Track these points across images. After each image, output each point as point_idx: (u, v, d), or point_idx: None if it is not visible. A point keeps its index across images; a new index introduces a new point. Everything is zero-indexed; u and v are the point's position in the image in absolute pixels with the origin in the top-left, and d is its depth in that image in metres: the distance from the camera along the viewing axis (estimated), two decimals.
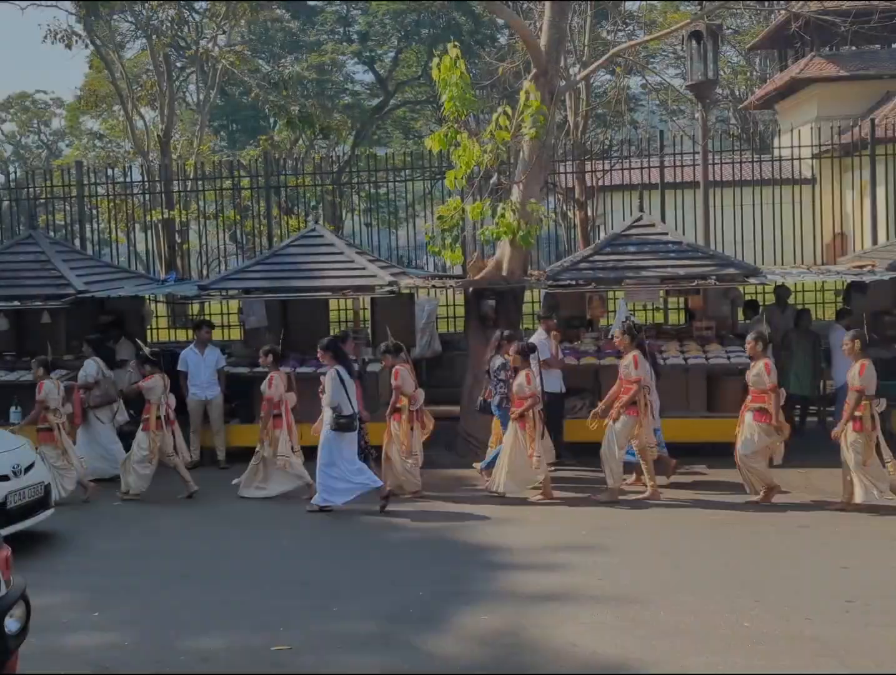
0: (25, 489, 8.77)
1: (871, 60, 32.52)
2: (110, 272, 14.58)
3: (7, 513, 8.46)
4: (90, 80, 30.07)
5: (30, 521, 8.80)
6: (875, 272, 12.11)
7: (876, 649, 6.11)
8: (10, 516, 8.48)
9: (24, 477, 8.80)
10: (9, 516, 8.46)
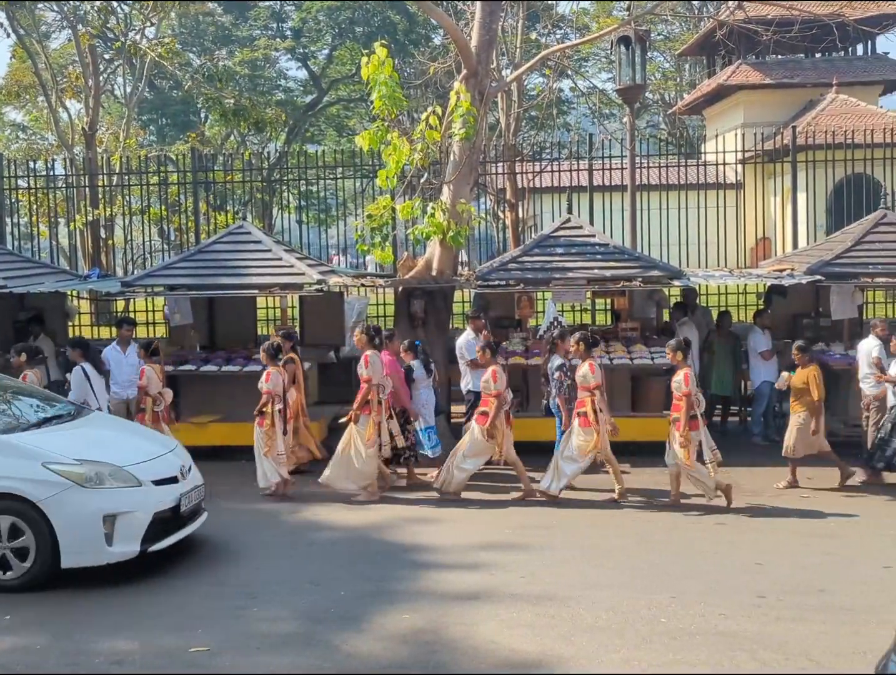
0: (193, 492, 8.26)
1: (795, 69, 33.42)
2: (31, 267, 14.22)
3: (180, 517, 8.03)
4: (13, 70, 29.28)
5: (196, 524, 8.36)
6: (794, 276, 12.42)
7: (786, 643, 6.27)
8: (182, 521, 8.07)
9: (189, 478, 8.31)
10: (181, 520, 8.05)
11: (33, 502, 7.40)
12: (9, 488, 7.43)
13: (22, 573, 7.41)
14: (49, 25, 35.33)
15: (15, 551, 7.41)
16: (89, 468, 7.60)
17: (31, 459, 7.56)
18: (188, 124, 43.16)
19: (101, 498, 7.53)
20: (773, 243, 23.68)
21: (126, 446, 8.44)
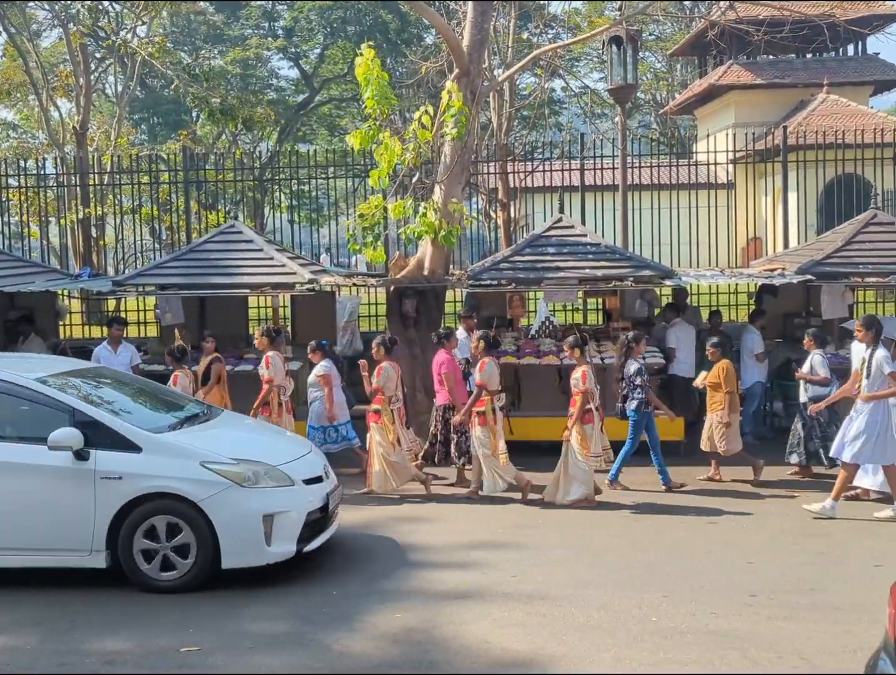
0: (335, 491, 8.20)
1: (786, 69, 33.53)
2: (21, 267, 14.19)
3: (328, 516, 7.98)
4: (4, 68, 29.18)
5: (336, 524, 8.28)
6: (785, 275, 12.46)
7: (777, 642, 6.29)
8: (328, 520, 8.00)
9: (331, 477, 8.23)
10: (328, 519, 8.00)
11: (194, 501, 7.28)
12: (169, 488, 7.32)
13: (182, 573, 7.30)
14: (40, 24, 35.24)
15: (174, 551, 7.31)
16: (247, 468, 7.50)
17: (190, 458, 7.45)
18: (179, 123, 43.07)
19: (260, 498, 7.43)
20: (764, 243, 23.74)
21: (273, 446, 8.39)
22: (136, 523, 7.30)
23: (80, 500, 7.31)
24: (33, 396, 7.70)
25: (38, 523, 7.37)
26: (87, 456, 7.34)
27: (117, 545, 7.32)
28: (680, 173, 17.55)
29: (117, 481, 7.31)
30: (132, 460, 7.37)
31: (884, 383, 9.16)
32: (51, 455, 7.36)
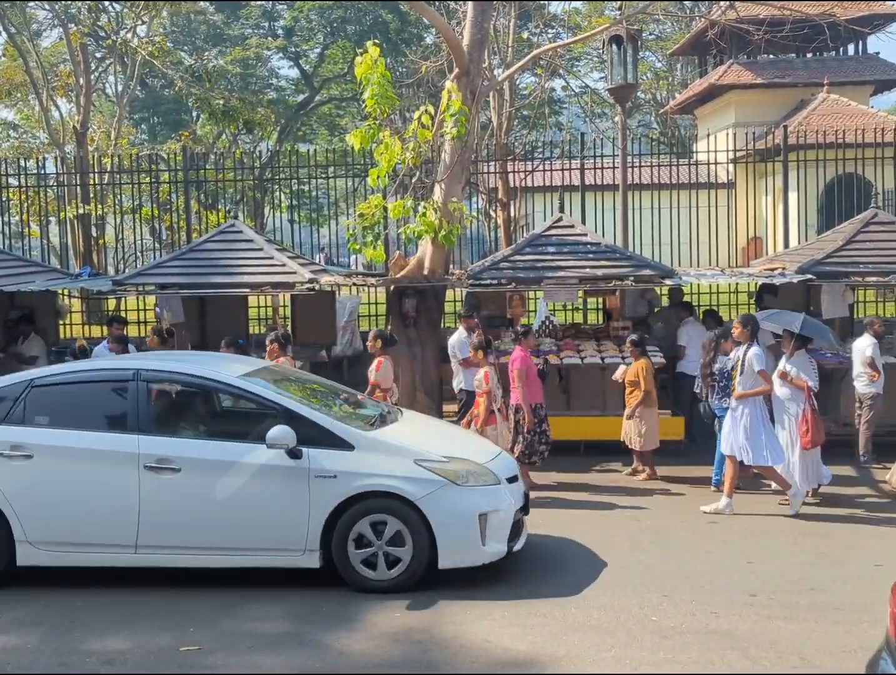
0: (527, 492, 8.10)
1: (786, 69, 33.52)
2: (21, 266, 14.16)
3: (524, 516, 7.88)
4: (4, 68, 29.18)
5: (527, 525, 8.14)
6: (785, 275, 12.45)
7: (777, 641, 6.28)
8: (523, 520, 7.87)
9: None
10: (522, 523, 7.85)
11: (411, 500, 7.17)
12: (385, 487, 7.21)
13: (399, 573, 7.21)
14: (40, 24, 35.25)
15: (390, 551, 7.21)
16: (459, 466, 7.42)
17: (404, 456, 7.36)
18: (180, 123, 43.06)
19: (474, 496, 7.33)
20: (764, 243, 23.73)
21: (472, 444, 8.34)
22: (350, 523, 7.19)
23: (294, 499, 7.21)
24: (244, 394, 7.66)
25: (251, 522, 7.28)
26: (300, 454, 7.22)
27: (330, 545, 7.22)
28: (680, 173, 17.55)
29: (332, 480, 7.20)
30: (346, 459, 7.27)
31: (756, 381, 9.33)
32: (264, 454, 7.26)
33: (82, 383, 7.95)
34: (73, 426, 7.53)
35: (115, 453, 7.37)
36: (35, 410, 7.64)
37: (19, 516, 7.34)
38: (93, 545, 7.39)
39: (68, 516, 7.38)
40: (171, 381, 7.94)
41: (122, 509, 7.32)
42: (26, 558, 7.39)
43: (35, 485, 7.39)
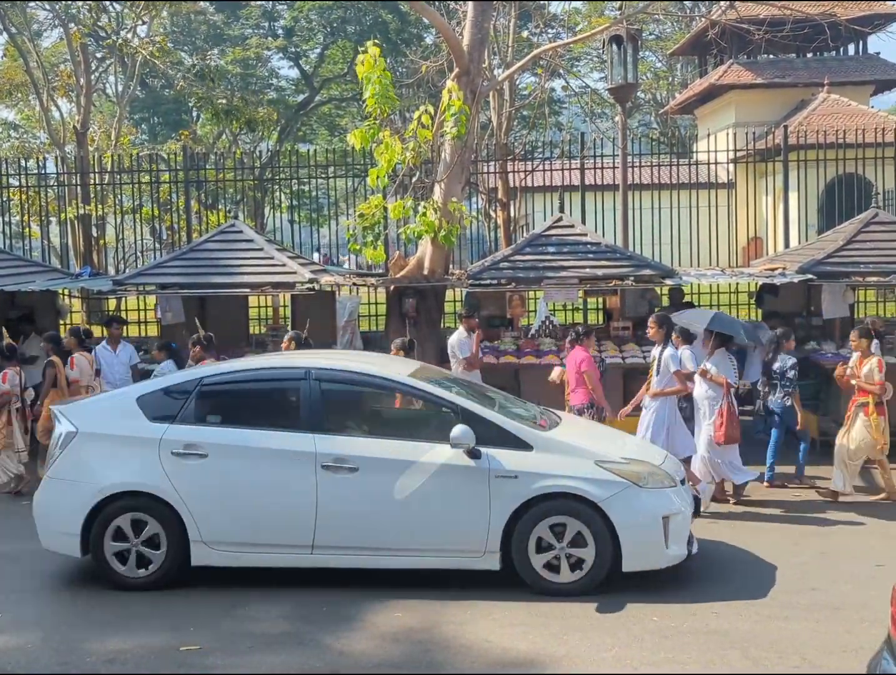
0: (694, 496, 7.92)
1: (786, 69, 33.49)
2: (22, 266, 14.17)
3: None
4: (5, 68, 29.18)
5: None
6: (786, 275, 12.44)
7: (778, 641, 6.28)
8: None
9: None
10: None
11: (594, 502, 7.05)
12: (568, 488, 7.08)
13: (582, 576, 7.10)
14: (41, 24, 35.22)
15: (571, 553, 7.08)
16: (639, 467, 7.30)
17: (584, 457, 7.25)
18: (180, 123, 43.05)
19: (656, 498, 7.22)
20: (764, 243, 23.74)
21: (642, 446, 8.28)
22: (531, 524, 7.08)
23: (473, 500, 7.11)
24: (420, 394, 7.61)
25: (430, 524, 7.19)
26: (480, 454, 7.13)
27: (510, 547, 7.12)
28: (680, 173, 17.55)
29: (513, 481, 7.09)
30: (526, 459, 7.16)
31: (671, 380, 9.44)
32: (442, 453, 7.18)
33: (252, 382, 7.91)
34: (245, 425, 7.45)
35: (291, 453, 7.24)
36: (206, 408, 7.58)
37: (194, 516, 7.25)
38: (268, 546, 7.29)
39: (243, 516, 7.27)
40: (343, 380, 7.80)
41: (298, 509, 7.22)
42: (200, 558, 7.30)
43: (210, 485, 7.29)
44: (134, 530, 7.31)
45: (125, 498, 7.33)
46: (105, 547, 7.32)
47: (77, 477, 7.39)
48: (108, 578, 7.35)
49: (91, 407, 7.92)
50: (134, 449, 7.38)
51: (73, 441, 7.47)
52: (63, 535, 7.42)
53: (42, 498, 7.59)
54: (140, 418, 7.47)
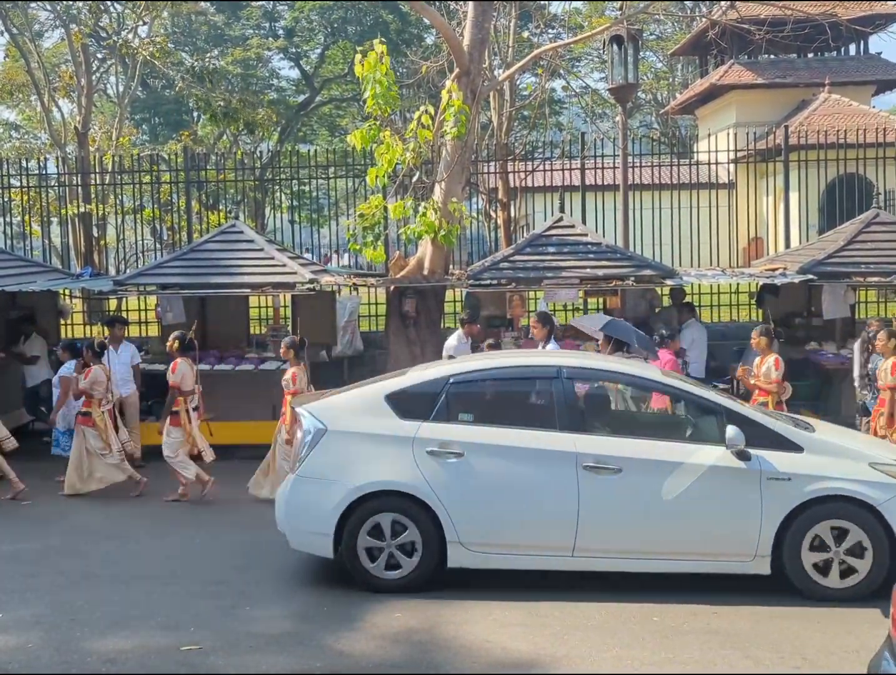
0: None
1: (787, 69, 33.48)
2: (23, 266, 14.15)
3: None
4: (6, 68, 29.19)
5: None
6: (786, 275, 12.45)
7: (779, 642, 6.28)
8: None
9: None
10: None
11: (871, 505, 6.86)
12: (846, 490, 6.91)
13: (855, 583, 6.93)
14: (42, 24, 35.23)
15: (845, 559, 6.92)
16: None
17: (856, 459, 7.08)
18: (181, 123, 43.06)
19: None
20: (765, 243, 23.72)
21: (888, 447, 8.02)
22: (804, 528, 6.93)
23: (744, 503, 6.96)
24: (684, 395, 7.49)
25: (697, 527, 7.04)
26: (749, 456, 6.99)
27: (780, 551, 6.99)
28: (681, 173, 17.54)
29: (786, 483, 6.95)
30: (798, 461, 7.02)
31: None
32: (709, 454, 7.06)
33: (503, 380, 7.82)
34: (499, 424, 7.34)
35: (550, 453, 7.13)
36: (457, 407, 7.45)
37: (451, 517, 7.12)
38: (527, 548, 7.18)
39: (501, 517, 7.15)
40: (598, 379, 7.77)
41: (559, 510, 7.10)
42: (457, 559, 7.19)
43: (467, 484, 7.16)
44: (388, 530, 7.19)
45: (379, 498, 7.20)
46: (358, 548, 7.20)
47: (329, 476, 7.27)
48: (360, 579, 7.23)
49: (338, 405, 7.68)
50: (387, 448, 7.26)
51: (322, 439, 7.35)
52: (315, 535, 7.32)
53: (292, 498, 7.41)
54: (391, 416, 7.36)
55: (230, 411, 11.91)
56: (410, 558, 7.21)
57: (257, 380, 12.15)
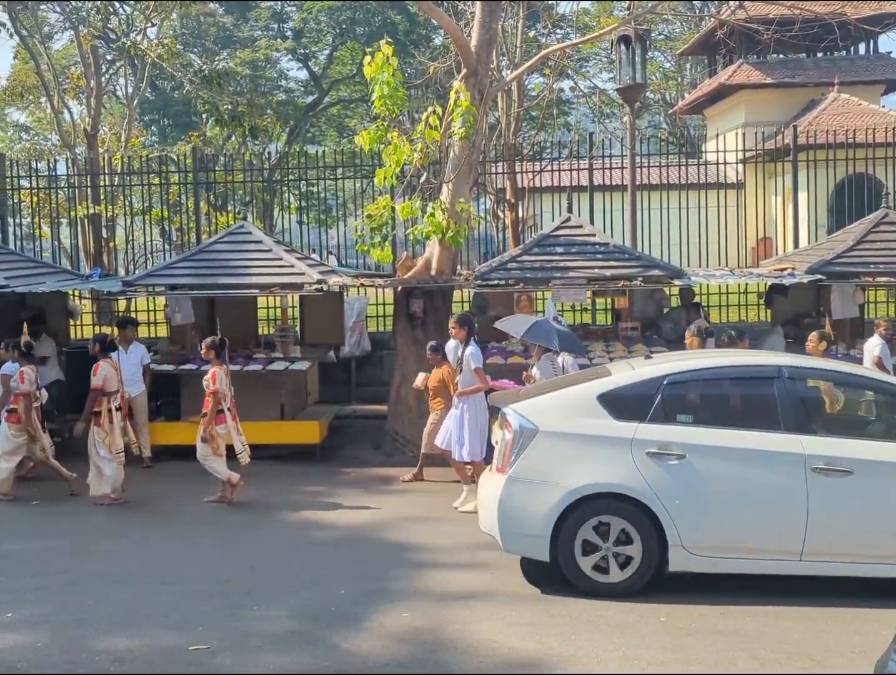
0: None
1: (796, 69, 33.38)
2: (33, 267, 14.22)
3: None
4: (16, 70, 29.29)
5: None
6: (795, 275, 12.41)
7: (785, 642, 6.27)
8: None
9: None
10: None
11: None
12: None
13: None
14: (52, 26, 35.32)
15: None
16: None
17: None
18: (190, 125, 43.13)
19: None
20: (774, 243, 23.67)
21: None
22: None
23: None
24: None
25: None
26: None
27: None
28: (689, 173, 17.51)
29: None
30: None
31: (474, 378, 9.64)
32: None
33: (720, 380, 7.62)
34: (719, 425, 7.21)
35: (777, 455, 6.98)
36: (674, 407, 7.31)
37: (674, 520, 6.98)
38: (753, 552, 7.02)
39: (727, 520, 7.02)
40: (819, 378, 7.66)
41: (787, 513, 6.96)
42: (679, 563, 7.06)
43: (689, 487, 7.02)
44: (606, 533, 7.08)
45: (596, 500, 7.09)
46: (575, 551, 7.09)
47: (544, 478, 7.17)
48: (576, 583, 7.11)
49: (547, 404, 7.53)
50: (602, 449, 7.15)
51: (534, 440, 7.23)
52: (531, 538, 7.19)
53: (505, 499, 7.26)
54: (604, 416, 7.24)
55: (238, 411, 11.92)
56: (630, 561, 7.08)
57: (265, 380, 12.18)
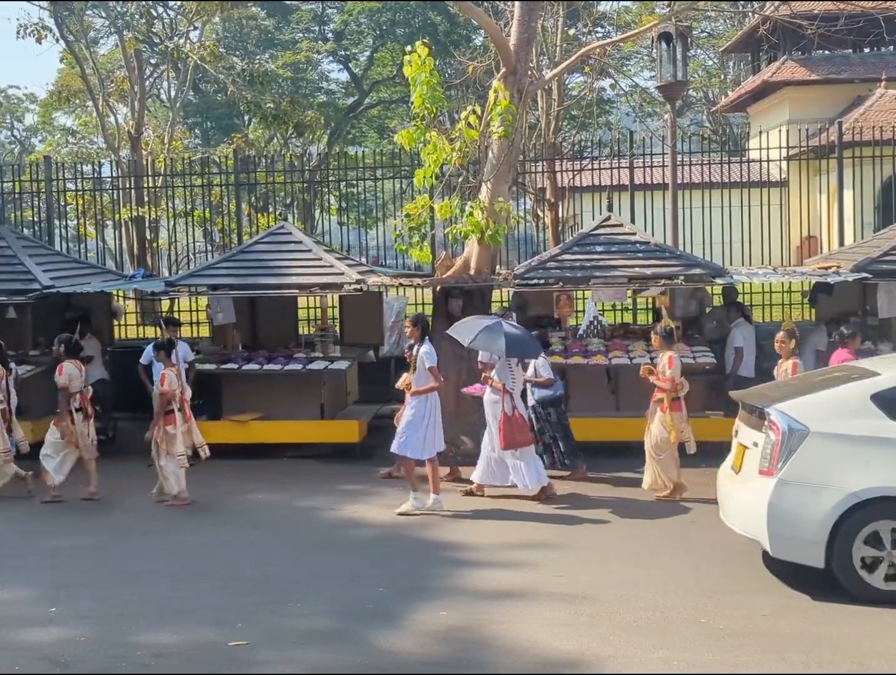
0: None
1: (842, 65, 32.87)
2: (78, 268, 14.46)
3: None
4: (63, 75, 29.81)
5: None
6: (840, 273, 12.22)
7: (823, 643, 6.18)
8: None
9: None
10: None
11: None
12: None
13: None
14: (97, 31, 35.90)
15: None
16: None
17: None
18: (232, 127, 43.54)
19: None
20: (819, 241, 23.34)
21: None
22: None
23: None
24: None
25: None
26: None
27: None
28: (732, 171, 17.31)
29: None
30: None
31: (428, 377, 9.60)
32: None
33: None
34: None
35: None
36: None
37: None
38: None
39: None
40: None
41: None
42: None
43: None
44: (888, 539, 6.87)
45: (875, 504, 6.87)
46: (854, 557, 6.88)
47: (817, 481, 6.97)
48: (855, 590, 6.90)
49: (815, 404, 7.33)
50: (881, 451, 6.93)
51: (805, 441, 7.04)
52: (804, 542, 6.98)
53: (776, 502, 7.06)
54: (880, 417, 7.03)
55: (278, 410, 12.04)
56: None
57: (305, 380, 12.25)
